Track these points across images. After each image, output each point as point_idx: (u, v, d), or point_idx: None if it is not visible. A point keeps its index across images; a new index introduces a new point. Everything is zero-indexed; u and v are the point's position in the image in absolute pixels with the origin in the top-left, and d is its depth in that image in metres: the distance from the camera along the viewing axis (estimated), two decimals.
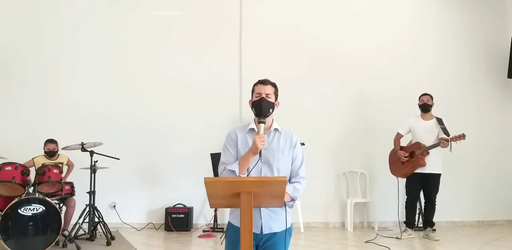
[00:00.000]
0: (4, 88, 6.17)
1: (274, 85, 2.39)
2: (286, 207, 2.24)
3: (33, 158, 5.27)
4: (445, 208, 5.79)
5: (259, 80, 2.39)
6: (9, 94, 6.19)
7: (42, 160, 5.23)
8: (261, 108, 2.30)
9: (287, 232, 2.30)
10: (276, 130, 2.38)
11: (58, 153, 5.39)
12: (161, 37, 6.47)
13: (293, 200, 2.28)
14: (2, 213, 4.20)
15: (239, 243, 2.22)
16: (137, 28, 6.46)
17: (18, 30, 6.29)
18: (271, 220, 2.26)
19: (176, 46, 6.48)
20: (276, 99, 2.38)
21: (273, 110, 2.35)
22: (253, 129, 2.34)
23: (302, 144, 5.72)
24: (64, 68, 6.31)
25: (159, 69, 6.41)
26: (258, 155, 2.23)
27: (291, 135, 2.40)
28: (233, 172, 2.23)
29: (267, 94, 2.33)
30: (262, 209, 2.23)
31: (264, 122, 2.27)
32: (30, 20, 6.31)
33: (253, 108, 2.36)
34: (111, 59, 6.36)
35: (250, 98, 2.41)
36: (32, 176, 4.69)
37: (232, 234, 2.31)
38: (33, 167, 5.12)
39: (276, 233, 2.28)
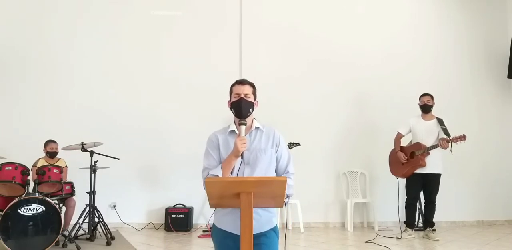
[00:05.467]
0: (4, 88, 6.17)
1: (252, 85, 2.37)
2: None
3: (33, 165, 5.15)
4: (445, 208, 5.79)
5: (237, 81, 2.36)
6: (9, 94, 6.18)
7: (42, 163, 5.19)
8: (241, 109, 2.28)
9: (274, 230, 2.27)
10: (257, 128, 2.36)
11: (60, 158, 5.38)
12: (160, 37, 6.47)
13: (288, 196, 2.26)
14: (2, 213, 4.20)
15: (223, 245, 2.22)
16: (137, 28, 6.46)
17: (17, 30, 6.28)
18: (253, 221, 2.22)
19: (176, 46, 6.47)
20: (255, 98, 2.36)
21: (253, 110, 2.33)
22: (234, 130, 2.33)
23: (298, 145, 5.83)
24: (63, 68, 6.31)
25: (159, 69, 6.41)
26: (240, 157, 2.20)
27: (273, 132, 2.37)
28: (216, 177, 2.19)
29: (245, 94, 2.30)
30: None
31: (245, 124, 2.25)
32: (29, 20, 6.30)
33: (232, 109, 2.33)
34: (110, 59, 6.36)
35: (229, 99, 2.38)
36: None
37: (215, 236, 2.32)
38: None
39: (259, 234, 2.20)
